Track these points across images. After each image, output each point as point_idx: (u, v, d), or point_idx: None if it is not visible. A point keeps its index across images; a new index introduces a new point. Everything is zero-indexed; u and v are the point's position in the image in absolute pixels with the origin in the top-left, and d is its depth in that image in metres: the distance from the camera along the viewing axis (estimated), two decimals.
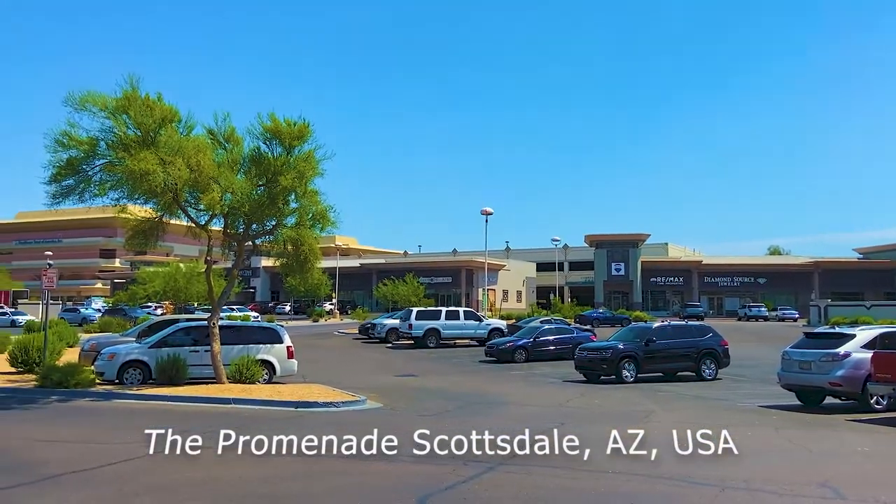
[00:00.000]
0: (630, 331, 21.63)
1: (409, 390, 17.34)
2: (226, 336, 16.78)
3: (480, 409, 14.25)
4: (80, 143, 14.70)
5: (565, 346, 25.87)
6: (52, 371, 15.80)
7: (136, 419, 12.24)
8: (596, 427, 12.06)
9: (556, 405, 14.92)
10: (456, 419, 12.73)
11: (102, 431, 10.96)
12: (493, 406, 14.61)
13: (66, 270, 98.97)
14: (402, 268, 70.03)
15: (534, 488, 7.56)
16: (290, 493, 7.16)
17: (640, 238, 75.76)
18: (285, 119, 16.13)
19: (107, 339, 20.79)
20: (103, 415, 13.03)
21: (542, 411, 14.02)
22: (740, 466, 9.11)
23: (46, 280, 17.45)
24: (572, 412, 13.87)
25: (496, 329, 32.78)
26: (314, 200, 16.61)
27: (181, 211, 16.12)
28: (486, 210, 48.56)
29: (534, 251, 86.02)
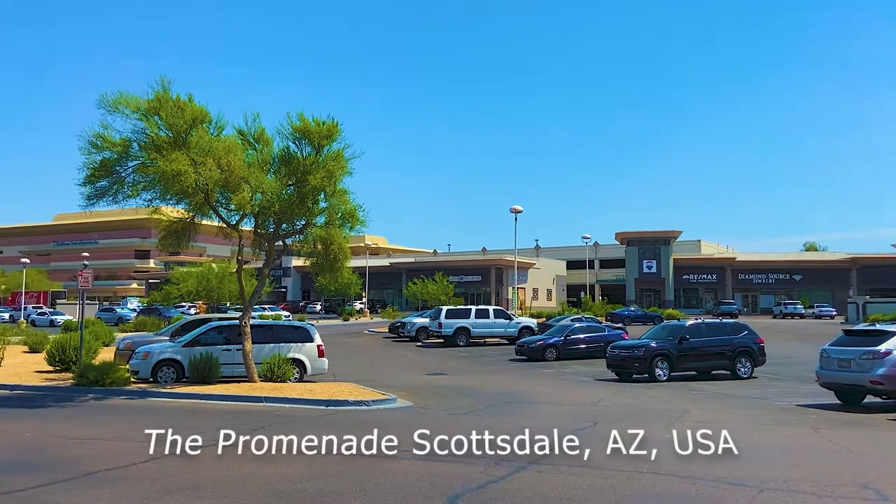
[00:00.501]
0: (663, 329, 21.31)
1: (439, 389, 17.29)
2: (257, 335, 16.91)
3: (511, 407, 14.14)
4: (113, 144, 14.92)
5: (597, 344, 25.61)
6: (88, 370, 16.08)
7: (170, 417, 12.38)
8: (629, 426, 11.87)
9: (589, 404, 14.74)
10: (486, 418, 12.64)
11: (136, 429, 11.04)
12: (524, 405, 14.48)
13: (102, 271, 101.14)
14: (432, 267, 70.05)
15: (566, 488, 7.44)
16: (318, 492, 7.13)
17: (672, 235, 74.74)
18: (314, 119, 16.20)
19: (141, 339, 21.10)
20: (137, 413, 13.18)
21: (574, 410, 13.85)
22: (779, 467, 8.89)
23: (82, 280, 17.75)
24: (605, 411, 13.68)
25: (526, 327, 32.60)
26: (343, 199, 16.64)
27: (212, 211, 16.28)
28: (516, 208, 48.25)
29: (564, 249, 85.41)
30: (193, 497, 6.92)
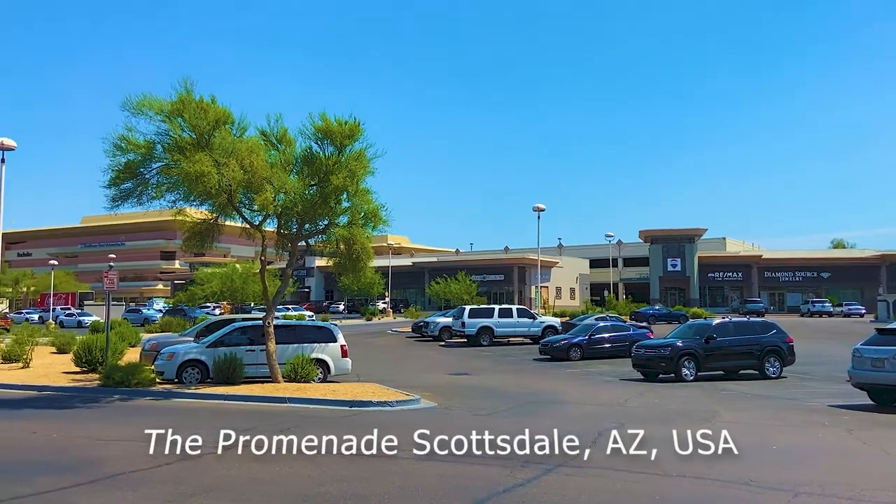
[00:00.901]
0: (689, 328, 21.01)
1: (463, 389, 17.17)
2: (281, 335, 16.93)
3: (536, 408, 13.99)
4: (137, 146, 15.02)
5: (621, 343, 25.33)
6: (114, 370, 16.21)
7: (195, 418, 12.41)
8: (657, 427, 11.65)
9: (615, 404, 14.54)
10: (511, 418, 12.50)
11: (162, 430, 11.10)
12: (549, 405, 14.32)
13: (128, 272, 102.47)
14: (454, 266, 69.97)
15: (595, 491, 7.29)
16: (342, 495, 7.06)
17: (697, 233, 73.86)
18: (336, 118, 16.16)
19: (166, 339, 21.25)
20: (162, 414, 13.23)
21: (600, 411, 13.66)
22: (813, 470, 8.65)
23: (108, 281, 17.92)
24: (631, 412, 13.47)
25: (550, 326, 32.38)
26: (366, 199, 16.60)
27: (236, 212, 16.32)
28: (539, 206, 48.05)
29: (587, 247, 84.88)
30: (216, 499, 6.89)
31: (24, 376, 18.32)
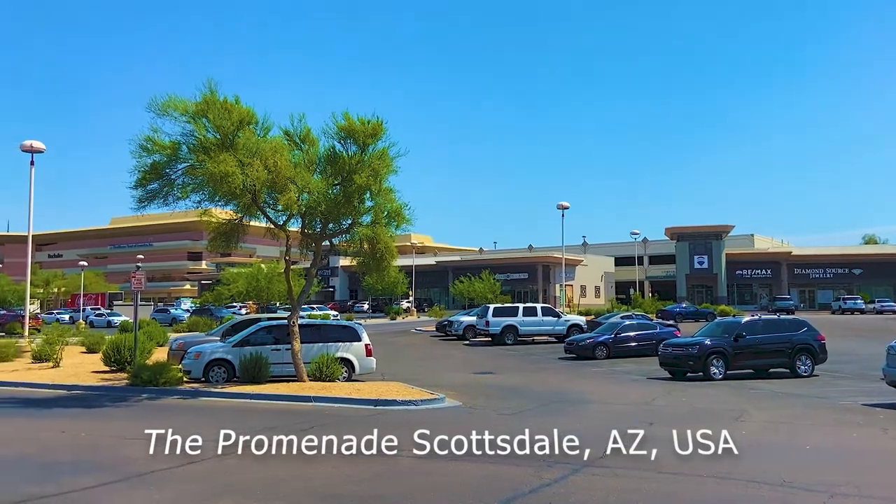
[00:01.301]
0: (717, 325, 20.69)
1: (488, 388, 17.08)
2: (306, 334, 16.98)
3: (562, 407, 13.85)
4: (162, 147, 15.14)
5: (648, 342, 25.03)
6: (142, 370, 16.39)
7: (221, 417, 12.48)
8: (686, 427, 11.42)
9: (642, 403, 14.34)
10: (537, 418, 12.39)
11: (188, 429, 11.18)
12: (575, 404, 14.18)
13: (156, 273, 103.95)
14: (478, 265, 69.85)
15: (623, 492, 7.16)
16: (368, 494, 7.02)
17: (724, 229, 72.87)
18: (359, 118, 16.15)
19: (193, 339, 21.45)
20: (190, 412, 13.34)
21: (627, 410, 13.49)
22: (848, 470, 8.43)
23: (135, 282, 18.12)
24: (659, 411, 13.28)
25: (575, 325, 32.14)
26: (389, 198, 16.58)
27: (260, 212, 16.39)
28: (563, 204, 47.73)
29: (612, 245, 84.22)
30: (245, 498, 6.89)
31: (55, 375, 18.60)
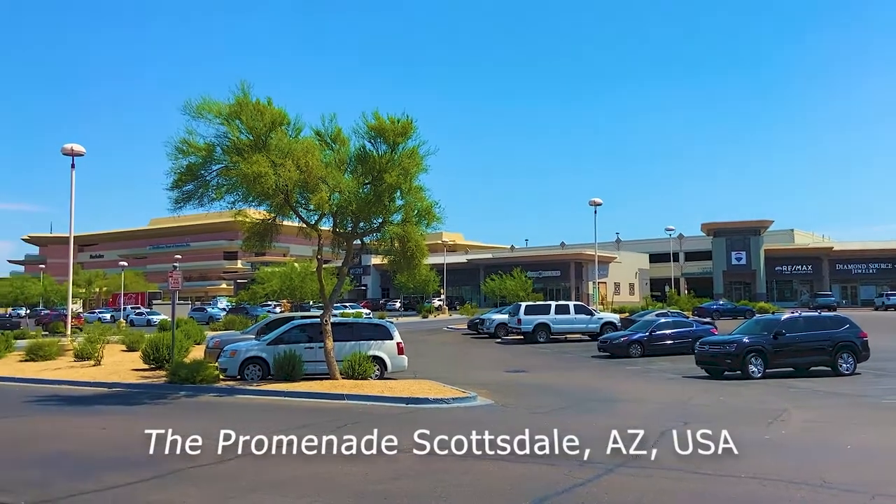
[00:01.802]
0: (756, 323, 20.28)
1: (520, 386, 17.00)
2: (338, 333, 17.09)
3: (595, 406, 13.72)
4: (197, 149, 15.37)
5: (684, 339, 24.65)
6: (179, 368, 16.67)
7: (256, 414, 12.64)
8: (723, 426, 11.21)
9: (678, 402, 14.13)
10: (570, 417, 12.29)
11: (225, 426, 11.31)
12: (608, 403, 14.02)
13: (193, 272, 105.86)
14: (510, 262, 69.59)
15: (657, 492, 7.05)
16: (399, 493, 7.03)
17: (763, 225, 71.43)
18: (389, 117, 16.18)
19: (229, 337, 21.74)
20: (225, 409, 13.54)
21: (662, 409, 13.29)
22: (893, 471, 8.20)
23: (172, 281, 18.43)
24: (695, 410, 13.06)
25: (609, 323, 31.81)
26: (419, 197, 16.59)
27: (292, 211, 16.54)
28: (595, 201, 47.31)
29: (646, 242, 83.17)
30: (277, 495, 6.95)
31: (96, 373, 19.02)
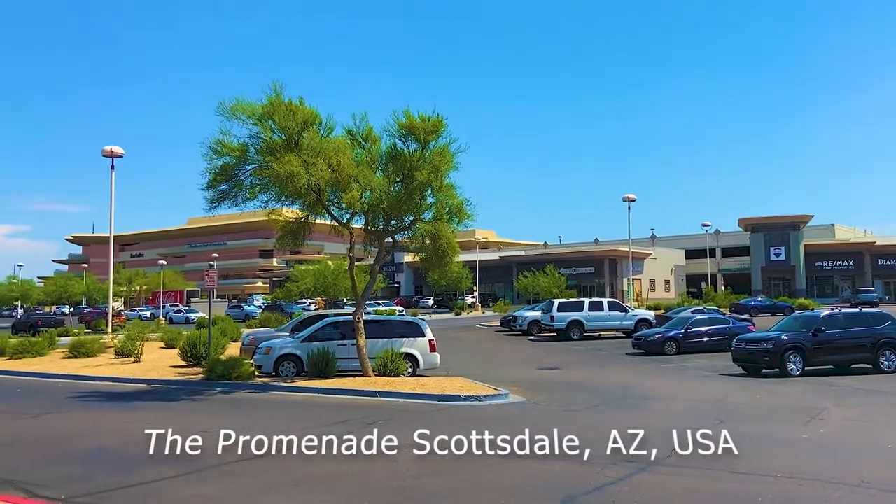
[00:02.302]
0: (795, 320, 19.87)
1: (553, 384, 16.92)
2: (371, 330, 17.21)
3: (629, 403, 13.58)
4: (231, 149, 15.59)
5: (720, 337, 24.27)
6: (216, 365, 16.96)
7: (290, 411, 12.80)
8: (760, 425, 11.10)
9: (713, 400, 13.91)
10: (603, 414, 12.20)
11: (259, 422, 11.49)
12: (642, 401, 13.87)
13: (230, 270, 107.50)
14: (543, 259, 69.14)
15: (690, 492, 6.96)
16: (428, 489, 7.05)
17: (802, 219, 69.86)
18: (419, 115, 16.21)
19: (264, 334, 22.02)
20: (260, 406, 13.73)
21: (697, 407, 13.11)
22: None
23: (208, 280, 18.77)
24: (732, 408, 12.86)
25: (643, 320, 31.46)
26: (450, 194, 16.60)
27: (325, 210, 16.68)
28: (629, 197, 46.71)
29: (682, 238, 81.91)
30: (309, 491, 7.03)
31: (135, 370, 19.45)
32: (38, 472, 8.04)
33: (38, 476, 7.78)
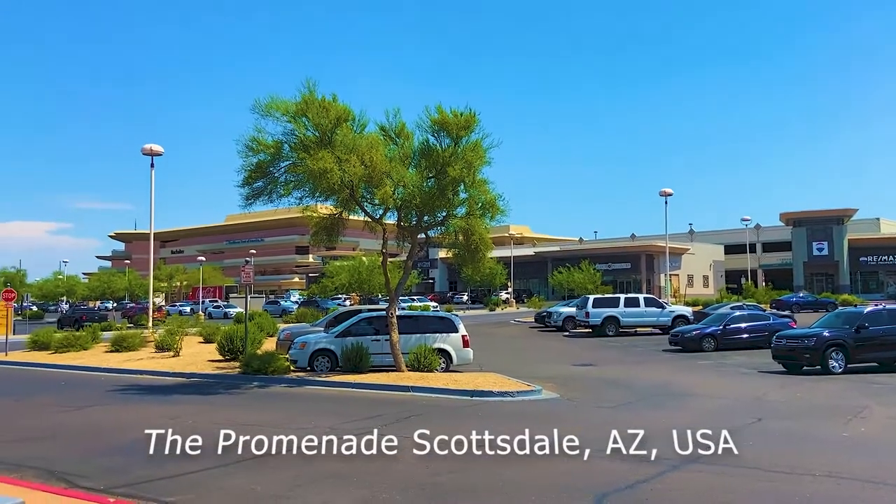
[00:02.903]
0: (837, 316, 19.37)
1: (587, 380, 16.78)
2: (404, 326, 17.29)
3: (664, 400, 13.40)
4: (266, 147, 15.79)
5: (760, 333, 23.80)
6: (252, 359, 17.22)
7: (324, 405, 12.93)
8: (799, 423, 10.86)
9: (752, 398, 13.65)
10: (637, 411, 12.06)
11: (292, 417, 11.66)
12: (678, 398, 13.68)
13: (268, 267, 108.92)
14: (578, 255, 68.61)
15: (726, 491, 6.84)
16: (457, 486, 7.05)
17: (846, 213, 68.09)
18: (452, 110, 16.20)
19: (299, 329, 22.29)
20: (295, 400, 13.90)
21: (735, 405, 12.88)
22: None
23: (244, 275, 19.06)
24: (771, 406, 12.61)
25: (681, 316, 31.01)
26: (483, 189, 16.56)
27: (358, 206, 16.79)
28: (666, 191, 46.12)
29: (720, 232, 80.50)
30: (339, 485, 7.09)
31: (174, 364, 19.86)
32: (79, 463, 8.27)
33: (79, 467, 8.00)
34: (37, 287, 78.32)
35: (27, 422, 11.72)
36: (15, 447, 9.48)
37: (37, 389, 16.01)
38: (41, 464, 8.13)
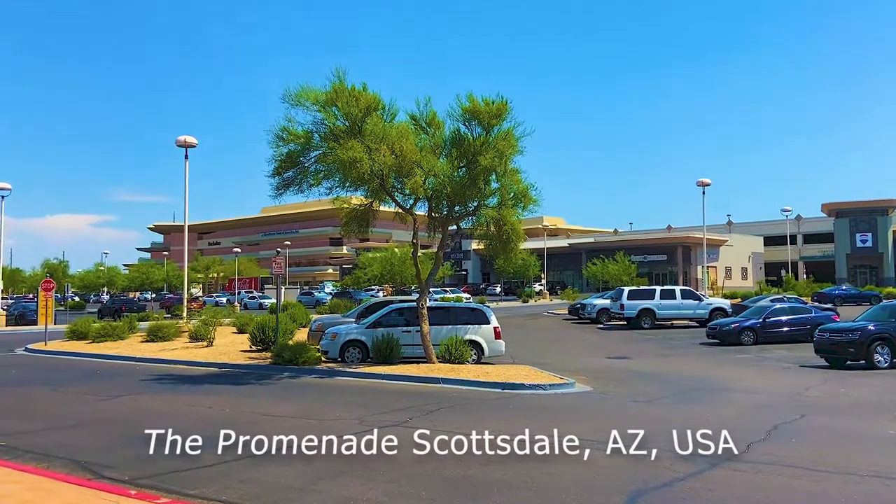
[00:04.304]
0: (883, 309, 18.68)
1: (621, 373, 16.44)
2: (435, 317, 17.14)
3: (701, 395, 13.02)
4: (296, 136, 15.73)
5: (801, 326, 23.14)
6: (283, 350, 17.25)
7: (354, 397, 12.84)
8: (844, 420, 10.43)
9: (793, 394, 13.18)
10: (673, 406, 11.72)
11: (321, 408, 11.59)
12: (715, 393, 13.28)
13: (302, 258, 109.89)
14: (612, 246, 67.73)
15: (766, 490, 6.52)
16: (488, 480, 6.86)
17: (891, 204, 66.08)
18: (483, 99, 15.93)
19: (330, 320, 22.30)
20: (325, 392, 13.84)
21: (775, 400, 12.45)
22: None
23: (276, 266, 19.10)
24: (813, 402, 12.15)
25: (718, 309, 30.36)
26: (515, 179, 16.28)
27: (388, 196, 16.64)
28: (703, 181, 45.19)
29: (760, 224, 78.80)
30: (366, 479, 6.95)
31: (207, 354, 20.02)
32: (106, 453, 8.27)
33: (106, 457, 8.00)
34: (78, 278, 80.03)
35: (60, 410, 11.85)
36: (46, 436, 9.57)
37: (72, 378, 16.24)
38: (69, 453, 8.15)
